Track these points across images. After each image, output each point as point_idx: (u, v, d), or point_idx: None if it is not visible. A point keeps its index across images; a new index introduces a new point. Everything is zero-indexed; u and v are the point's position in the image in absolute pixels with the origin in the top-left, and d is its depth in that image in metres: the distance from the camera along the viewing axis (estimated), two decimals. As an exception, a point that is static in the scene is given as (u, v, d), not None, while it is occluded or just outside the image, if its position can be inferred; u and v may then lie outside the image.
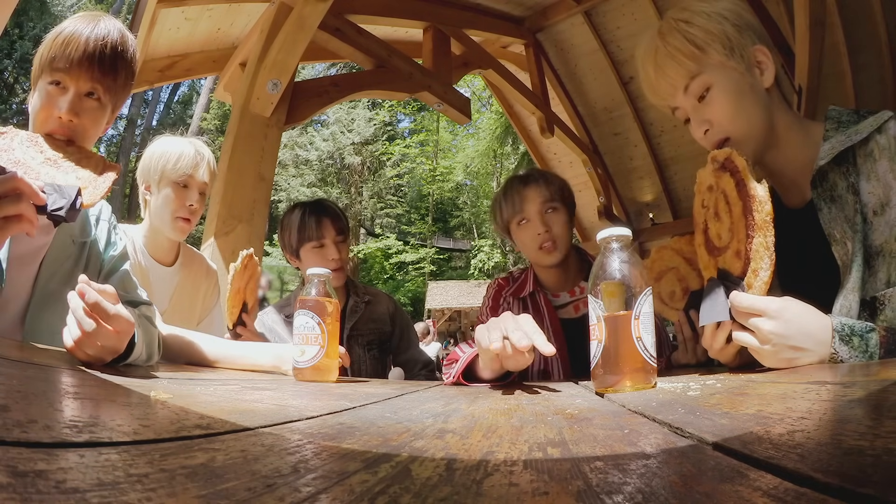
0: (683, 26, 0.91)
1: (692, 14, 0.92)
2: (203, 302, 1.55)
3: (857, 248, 0.80)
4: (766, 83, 0.91)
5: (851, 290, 0.79)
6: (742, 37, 0.90)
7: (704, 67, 0.90)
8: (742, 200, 0.74)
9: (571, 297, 1.43)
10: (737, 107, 0.90)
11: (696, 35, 0.90)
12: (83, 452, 0.27)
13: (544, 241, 1.35)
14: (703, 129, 0.93)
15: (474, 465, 0.31)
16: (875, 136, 0.82)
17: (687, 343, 1.06)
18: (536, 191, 1.38)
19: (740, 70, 0.90)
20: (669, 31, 0.93)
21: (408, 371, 1.76)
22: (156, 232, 1.42)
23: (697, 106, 0.93)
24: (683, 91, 0.93)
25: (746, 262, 0.74)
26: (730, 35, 0.89)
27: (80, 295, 0.69)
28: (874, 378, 0.55)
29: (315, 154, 21.48)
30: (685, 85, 0.93)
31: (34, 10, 18.27)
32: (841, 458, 0.26)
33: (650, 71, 0.97)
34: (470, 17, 3.80)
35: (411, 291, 20.16)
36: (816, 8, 2.34)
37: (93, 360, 0.71)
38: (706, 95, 0.91)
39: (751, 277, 0.74)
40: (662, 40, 0.93)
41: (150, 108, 23.17)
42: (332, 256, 1.55)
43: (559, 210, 1.38)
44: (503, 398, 0.70)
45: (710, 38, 0.89)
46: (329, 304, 0.98)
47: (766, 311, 0.70)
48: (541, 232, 1.36)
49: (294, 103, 2.57)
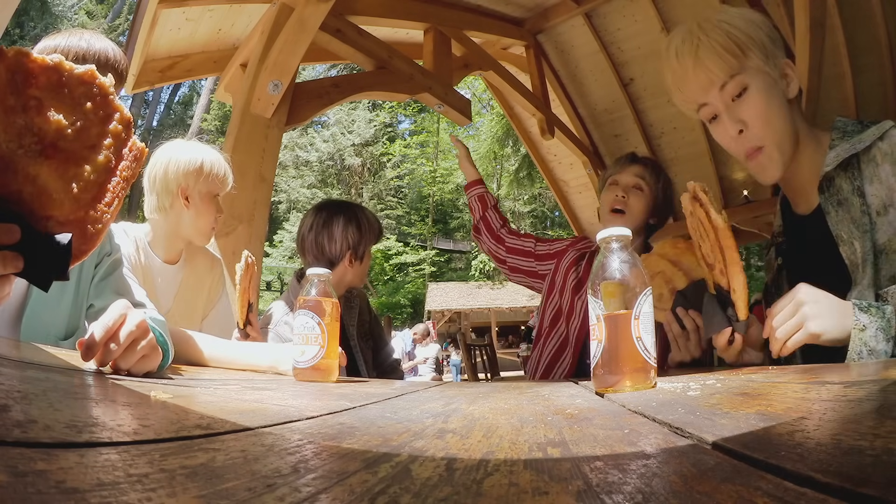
0: (726, 26, 0.93)
1: (732, 17, 0.95)
2: (209, 295, 1.54)
3: (867, 246, 0.85)
4: (791, 94, 0.95)
5: (868, 287, 0.84)
6: (775, 47, 0.94)
7: (744, 68, 0.92)
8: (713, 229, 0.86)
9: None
10: (770, 112, 0.92)
11: (738, 36, 0.92)
12: (83, 452, 0.27)
13: (618, 203, 1.48)
14: (738, 128, 0.94)
15: (474, 465, 0.31)
16: (878, 143, 0.87)
17: (678, 341, 1.08)
18: (636, 168, 1.53)
19: (774, 77, 0.93)
20: (712, 28, 0.94)
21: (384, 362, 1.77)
22: (173, 236, 1.39)
23: (731, 105, 0.94)
24: (720, 88, 0.94)
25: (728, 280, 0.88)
26: (766, 44, 0.93)
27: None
28: (874, 378, 0.55)
29: (315, 155, 21.50)
30: (723, 82, 0.94)
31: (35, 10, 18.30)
32: (841, 458, 0.26)
33: (688, 62, 0.96)
34: (471, 18, 3.80)
35: (411, 293, 20.14)
36: (817, 10, 2.34)
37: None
38: (743, 95, 0.93)
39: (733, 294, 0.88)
40: (705, 35, 0.94)
41: (150, 108, 23.21)
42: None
43: (642, 195, 1.51)
44: (503, 398, 0.70)
45: (751, 42, 0.92)
46: (329, 304, 0.98)
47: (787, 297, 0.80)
48: (619, 195, 1.48)
49: (295, 104, 2.57)
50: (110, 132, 0.58)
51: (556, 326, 1.58)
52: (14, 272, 0.54)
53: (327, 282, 1.01)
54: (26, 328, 0.90)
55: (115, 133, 0.58)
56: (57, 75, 0.55)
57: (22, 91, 0.53)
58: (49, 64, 0.55)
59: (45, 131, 0.55)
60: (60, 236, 0.55)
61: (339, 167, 22.22)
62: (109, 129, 0.58)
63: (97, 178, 0.57)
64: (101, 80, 0.58)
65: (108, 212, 0.58)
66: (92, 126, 0.57)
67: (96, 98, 0.57)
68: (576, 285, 1.58)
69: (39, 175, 0.55)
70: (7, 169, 0.53)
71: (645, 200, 1.50)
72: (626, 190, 1.49)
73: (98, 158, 0.57)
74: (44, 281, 0.56)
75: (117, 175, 0.58)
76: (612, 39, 4.50)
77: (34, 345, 0.81)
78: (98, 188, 0.58)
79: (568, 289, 1.58)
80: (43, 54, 0.91)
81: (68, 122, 0.56)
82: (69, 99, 0.56)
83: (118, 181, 0.58)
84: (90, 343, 0.66)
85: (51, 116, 0.55)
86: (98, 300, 0.98)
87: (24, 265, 0.54)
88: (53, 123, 0.55)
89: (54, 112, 0.55)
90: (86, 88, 0.57)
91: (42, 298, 0.91)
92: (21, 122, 0.53)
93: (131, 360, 0.70)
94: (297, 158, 21.21)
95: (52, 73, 0.55)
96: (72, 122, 0.56)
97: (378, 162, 22.71)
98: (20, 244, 0.53)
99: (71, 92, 0.56)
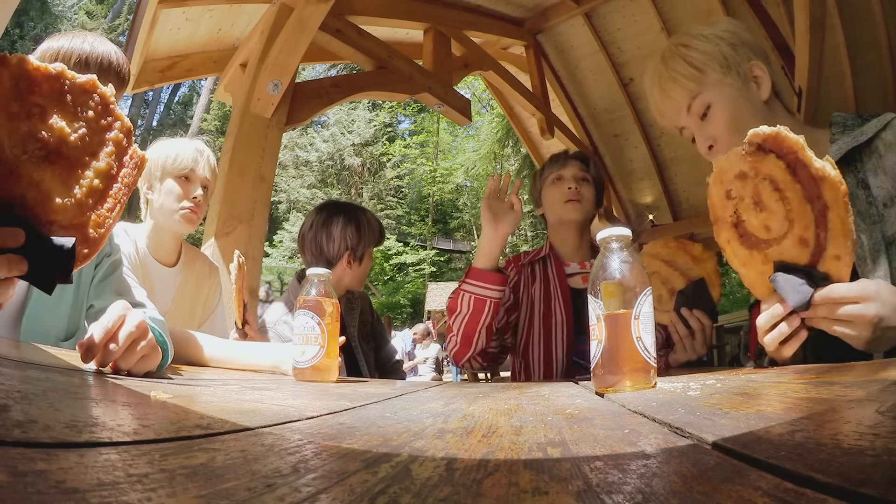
0: (683, 51, 1.00)
1: (690, 38, 1.01)
2: (205, 303, 1.55)
3: (877, 238, 0.84)
4: (763, 96, 0.98)
5: (885, 278, 0.82)
6: (738, 54, 0.97)
7: (704, 87, 0.98)
8: (801, 183, 0.68)
9: (581, 268, 1.54)
10: (736, 121, 0.96)
11: (694, 57, 0.98)
12: (83, 452, 0.27)
13: (573, 195, 1.51)
14: (707, 144, 0.99)
15: (474, 465, 0.31)
16: (881, 134, 0.87)
17: (685, 341, 1.09)
18: (576, 162, 1.58)
19: (737, 86, 0.97)
20: (671, 57, 1.01)
21: (386, 362, 1.77)
22: (159, 231, 1.42)
23: (701, 124, 1.00)
24: (686, 111, 1.01)
25: (819, 248, 0.68)
26: (726, 54, 0.97)
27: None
28: (874, 378, 0.55)
29: (315, 155, 21.51)
30: (688, 105, 1.00)
31: (35, 10, 18.30)
32: (841, 458, 0.26)
33: (656, 94, 1.05)
34: (470, 18, 3.80)
35: (411, 293, 20.14)
36: (817, 9, 2.34)
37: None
38: (707, 113, 0.98)
39: (832, 264, 0.68)
40: (665, 65, 1.02)
41: (150, 108, 23.21)
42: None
43: (589, 185, 1.56)
44: (503, 398, 0.70)
45: (708, 59, 0.97)
46: (329, 304, 0.98)
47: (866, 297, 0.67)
48: (571, 186, 1.52)
49: (294, 104, 2.57)
50: (112, 140, 0.60)
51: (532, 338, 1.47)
52: (18, 275, 0.55)
53: (327, 282, 1.01)
54: (26, 329, 0.89)
55: (116, 141, 0.60)
56: (59, 84, 0.57)
57: (25, 98, 0.55)
58: (52, 72, 0.56)
59: (48, 138, 0.56)
60: (64, 240, 0.57)
61: (339, 167, 22.22)
62: (111, 138, 0.60)
63: (99, 184, 0.59)
64: (103, 90, 0.59)
65: (109, 217, 0.60)
66: (94, 134, 0.59)
67: (98, 107, 0.59)
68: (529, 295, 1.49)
69: (43, 180, 0.56)
70: (11, 174, 0.55)
71: (592, 189, 1.56)
72: (576, 181, 1.53)
73: (100, 165, 0.59)
74: (47, 284, 0.57)
75: (119, 181, 0.60)
76: (611, 39, 4.50)
77: (34, 345, 0.81)
78: (100, 194, 0.59)
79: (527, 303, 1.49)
80: (45, 57, 0.91)
81: (71, 130, 0.57)
82: (71, 107, 0.58)
83: (120, 187, 0.60)
84: (90, 345, 0.66)
85: (54, 123, 0.56)
86: (98, 301, 0.98)
87: (29, 268, 0.55)
88: (56, 130, 0.56)
89: (57, 119, 0.57)
90: (87, 97, 0.59)
91: (42, 300, 0.91)
92: (25, 129, 0.55)
93: (131, 360, 0.70)
94: (297, 158, 21.22)
95: (55, 82, 0.57)
96: (74, 129, 0.58)
97: (378, 162, 22.72)
98: (24, 247, 0.54)
99: (73, 100, 0.58)
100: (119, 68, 1.00)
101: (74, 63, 0.94)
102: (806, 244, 0.69)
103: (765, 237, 0.74)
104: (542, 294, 1.49)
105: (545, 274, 1.52)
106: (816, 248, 0.69)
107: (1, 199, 0.55)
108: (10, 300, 0.60)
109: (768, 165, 0.70)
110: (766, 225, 0.73)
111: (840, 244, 0.67)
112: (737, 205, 0.76)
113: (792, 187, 0.69)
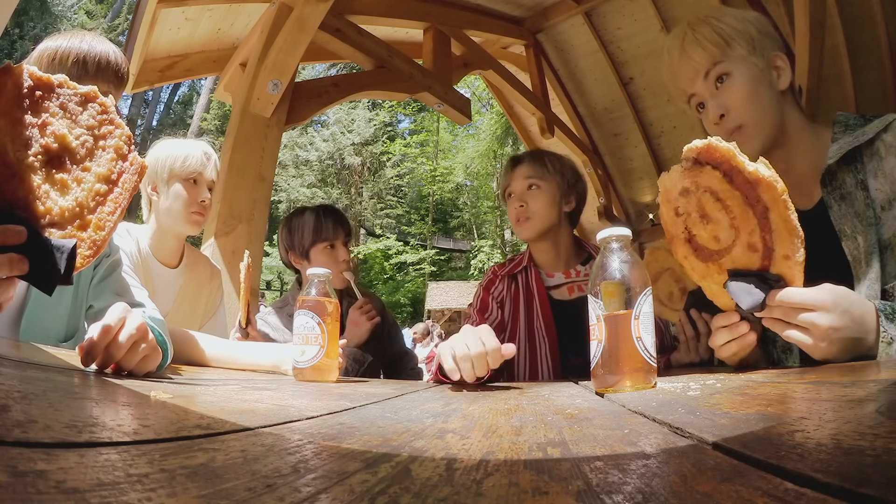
0: (713, 21, 0.98)
1: (722, 14, 1.00)
2: (207, 304, 1.55)
3: (872, 241, 0.84)
4: (781, 86, 0.97)
5: (875, 280, 0.82)
6: (765, 40, 0.97)
7: (727, 57, 0.96)
8: (739, 189, 0.68)
9: (566, 278, 1.46)
10: (752, 95, 0.95)
11: (723, 29, 0.97)
12: (83, 452, 0.27)
13: (518, 214, 1.44)
14: (719, 113, 0.97)
15: (474, 465, 0.31)
16: (881, 136, 0.87)
17: (690, 343, 1.08)
18: (522, 169, 1.47)
19: (760, 66, 0.96)
20: (700, 23, 1.00)
21: (405, 367, 1.77)
22: (163, 232, 1.41)
23: (715, 91, 0.98)
24: (704, 76, 0.99)
25: (768, 251, 0.69)
26: (754, 36, 0.96)
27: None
28: (874, 378, 0.55)
29: (315, 154, 21.49)
30: (706, 70, 0.98)
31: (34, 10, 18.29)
32: (841, 458, 0.26)
33: (675, 55, 1.02)
34: (470, 17, 3.80)
35: (411, 292, 20.15)
36: (817, 9, 2.34)
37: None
38: (724, 80, 0.96)
39: (782, 265, 0.68)
40: (692, 29, 1.00)
41: (150, 108, 23.20)
42: (343, 258, 1.58)
43: (541, 189, 1.44)
44: (503, 398, 0.70)
45: (736, 34, 0.96)
46: (329, 304, 0.98)
47: (822, 305, 0.66)
48: (516, 206, 1.45)
49: (294, 104, 2.57)
50: (112, 147, 0.63)
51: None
52: (19, 275, 0.55)
53: (327, 282, 1.01)
54: (25, 330, 0.89)
55: (116, 148, 0.63)
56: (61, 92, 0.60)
57: (29, 105, 0.58)
58: (54, 82, 0.60)
59: (50, 143, 0.59)
60: (64, 242, 0.58)
61: (339, 166, 22.21)
62: (111, 144, 0.63)
63: (100, 189, 0.61)
64: (103, 100, 0.63)
65: (110, 220, 0.61)
66: (95, 140, 0.62)
67: (98, 115, 0.62)
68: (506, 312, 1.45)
69: (45, 184, 0.58)
70: (14, 177, 0.57)
71: (545, 194, 1.44)
72: (522, 197, 1.44)
73: (101, 170, 0.62)
74: (48, 285, 0.58)
75: (119, 186, 0.62)
76: (611, 38, 4.50)
77: (34, 345, 0.81)
78: (101, 198, 0.61)
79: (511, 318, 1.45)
80: (44, 56, 0.92)
81: (72, 136, 0.60)
82: (73, 114, 0.61)
83: (120, 192, 0.62)
84: (90, 347, 0.66)
85: (56, 130, 0.59)
86: (97, 301, 0.98)
87: (29, 269, 0.56)
88: (59, 137, 0.59)
89: (59, 126, 0.60)
90: (88, 106, 0.62)
91: (41, 300, 0.91)
92: (28, 134, 0.57)
93: (132, 361, 0.70)
94: (297, 158, 21.20)
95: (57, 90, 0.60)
96: (76, 136, 0.61)
97: (378, 161, 22.71)
98: (25, 248, 0.55)
99: (75, 108, 0.61)
100: (117, 68, 1.00)
101: (72, 63, 0.94)
102: (755, 249, 0.70)
103: (716, 248, 0.74)
104: (524, 310, 1.44)
105: (527, 286, 1.46)
106: (766, 252, 0.69)
107: (4, 201, 0.56)
108: (11, 301, 0.60)
109: (706, 177, 0.71)
110: (715, 236, 0.74)
111: (786, 243, 0.67)
112: (686, 220, 0.77)
113: (732, 195, 0.69)
